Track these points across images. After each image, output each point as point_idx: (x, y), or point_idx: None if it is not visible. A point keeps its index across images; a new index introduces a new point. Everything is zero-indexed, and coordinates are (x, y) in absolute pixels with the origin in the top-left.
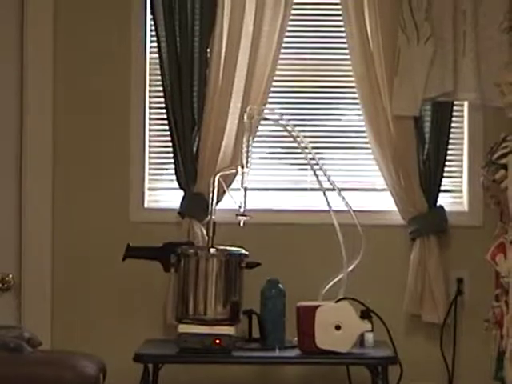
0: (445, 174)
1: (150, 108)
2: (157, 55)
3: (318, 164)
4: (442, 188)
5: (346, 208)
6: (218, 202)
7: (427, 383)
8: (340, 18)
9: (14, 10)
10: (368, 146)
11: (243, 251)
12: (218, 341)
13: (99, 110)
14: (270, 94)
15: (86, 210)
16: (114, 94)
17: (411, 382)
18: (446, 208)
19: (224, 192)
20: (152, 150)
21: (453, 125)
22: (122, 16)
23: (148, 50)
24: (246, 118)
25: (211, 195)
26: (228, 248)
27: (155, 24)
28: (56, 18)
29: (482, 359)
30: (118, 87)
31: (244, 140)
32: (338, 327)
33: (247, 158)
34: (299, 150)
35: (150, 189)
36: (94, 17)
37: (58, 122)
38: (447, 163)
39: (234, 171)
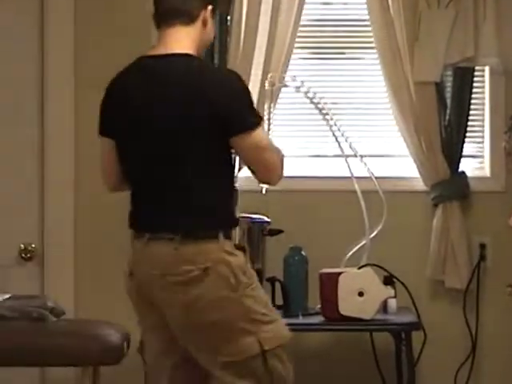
0: (466, 140)
1: None
2: None
3: (339, 130)
4: (464, 153)
5: (368, 174)
6: (239, 169)
7: None
8: None
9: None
10: (390, 112)
11: (266, 218)
12: None
13: None
14: (291, 61)
15: None
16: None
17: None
18: (468, 174)
19: None
20: None
21: (474, 90)
22: None
23: None
24: (267, 85)
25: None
26: (250, 215)
27: None
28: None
29: (506, 324)
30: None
31: (265, 107)
32: (360, 294)
33: (269, 125)
34: (321, 117)
35: None
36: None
37: (81, 108)
38: (469, 129)
39: None
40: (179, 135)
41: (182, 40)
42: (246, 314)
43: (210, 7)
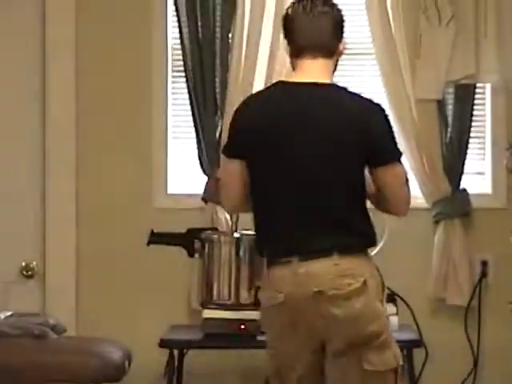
0: (468, 157)
1: (173, 94)
2: (178, 41)
3: None
4: (466, 171)
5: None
6: None
7: None
8: (362, 1)
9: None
10: None
11: None
12: (242, 326)
13: (122, 98)
14: None
15: (110, 196)
16: (136, 81)
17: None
18: (470, 191)
19: None
20: (175, 135)
21: (475, 107)
22: (144, 2)
23: (170, 35)
24: None
25: None
26: (251, 233)
27: (177, 9)
28: (78, 8)
29: (507, 341)
30: (139, 74)
31: None
32: None
33: None
34: None
35: (173, 175)
36: (116, 4)
37: (81, 111)
38: (470, 146)
39: None
40: (332, 160)
41: (324, 71)
42: (388, 326)
43: (343, 40)
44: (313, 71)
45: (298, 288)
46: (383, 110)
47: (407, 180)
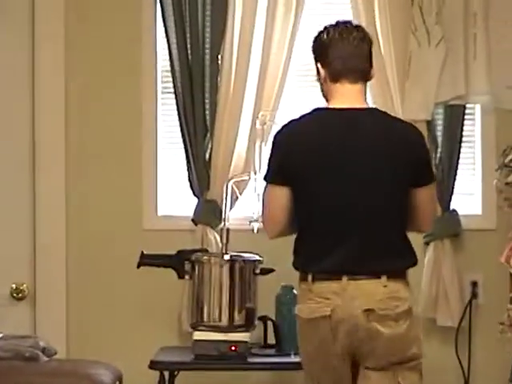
0: (458, 178)
1: (162, 115)
2: (168, 62)
3: None
4: (456, 191)
5: None
6: (231, 208)
7: None
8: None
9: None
10: None
11: (257, 257)
12: (233, 347)
13: (112, 120)
14: (282, 100)
15: (100, 218)
16: (126, 102)
17: None
18: (460, 211)
19: (237, 198)
20: (164, 157)
21: (465, 128)
22: (133, 23)
23: (159, 57)
24: (258, 123)
25: (224, 202)
26: (242, 254)
27: (166, 31)
28: (67, 25)
29: (498, 362)
30: (129, 95)
31: (256, 146)
32: None
33: (260, 163)
34: None
35: (163, 196)
36: (104, 24)
37: (71, 131)
38: (460, 166)
39: (246, 177)
40: (383, 184)
41: (363, 95)
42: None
43: (373, 65)
44: (352, 96)
45: (346, 304)
46: (421, 132)
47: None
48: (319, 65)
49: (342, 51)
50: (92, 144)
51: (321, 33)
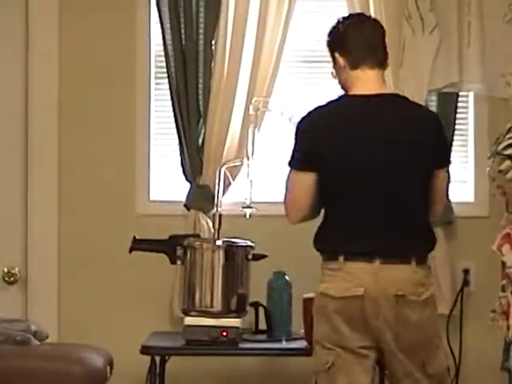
0: (450, 165)
1: (156, 100)
2: (162, 47)
3: None
4: None
5: None
6: (223, 194)
7: None
8: (345, 9)
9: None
10: None
11: (249, 243)
12: (224, 333)
13: (105, 104)
14: (275, 86)
15: (92, 203)
16: (119, 87)
17: None
18: (452, 199)
19: (230, 184)
20: (157, 142)
21: (458, 116)
22: (127, 8)
23: (153, 41)
24: (251, 109)
25: (217, 187)
26: (234, 240)
27: (160, 16)
28: (60, 9)
29: (489, 350)
30: (123, 80)
31: (249, 132)
32: None
33: (253, 149)
34: None
35: (155, 181)
36: (98, 9)
37: (64, 117)
38: (452, 154)
39: (239, 163)
40: (411, 168)
41: (382, 81)
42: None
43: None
44: (373, 81)
45: (378, 287)
46: (439, 118)
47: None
48: (337, 54)
49: (359, 38)
50: (86, 129)
51: (336, 24)
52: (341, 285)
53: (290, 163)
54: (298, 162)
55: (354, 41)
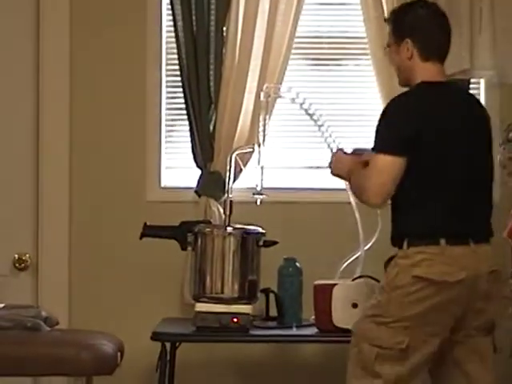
0: None
1: (167, 87)
2: (173, 34)
3: (334, 142)
4: None
5: None
6: (234, 180)
7: None
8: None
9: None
10: None
11: (260, 230)
12: (235, 319)
13: (116, 92)
14: (287, 72)
15: (103, 189)
16: (130, 74)
17: None
18: None
19: (241, 170)
20: (168, 128)
21: None
22: None
23: (164, 28)
24: (262, 96)
25: (228, 174)
26: (245, 226)
27: (171, 2)
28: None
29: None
30: (134, 66)
31: (260, 118)
32: (354, 305)
33: (264, 136)
34: (316, 128)
35: (166, 168)
36: None
37: (75, 104)
38: None
39: (250, 150)
40: (484, 153)
41: (444, 73)
42: None
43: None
44: (440, 75)
45: (478, 266)
46: None
47: None
48: (409, 40)
49: (438, 29)
50: (97, 116)
51: (414, 7)
52: (442, 269)
53: (379, 147)
54: (390, 146)
55: (434, 30)
